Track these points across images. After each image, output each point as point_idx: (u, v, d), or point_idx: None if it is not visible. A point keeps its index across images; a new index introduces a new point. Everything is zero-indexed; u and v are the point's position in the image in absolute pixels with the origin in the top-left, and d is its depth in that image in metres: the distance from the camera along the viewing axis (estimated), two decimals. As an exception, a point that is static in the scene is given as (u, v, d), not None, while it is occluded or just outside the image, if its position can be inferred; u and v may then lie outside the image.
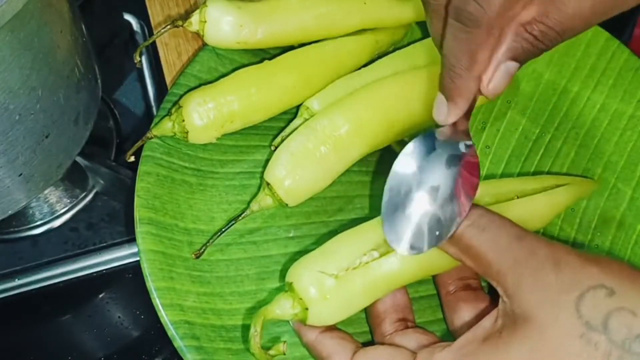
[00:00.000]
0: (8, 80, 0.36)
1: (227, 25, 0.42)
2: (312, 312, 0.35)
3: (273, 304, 0.35)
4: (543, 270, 0.31)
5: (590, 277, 0.31)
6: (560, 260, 0.31)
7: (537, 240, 0.33)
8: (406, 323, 0.38)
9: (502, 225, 0.33)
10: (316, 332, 0.36)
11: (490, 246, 0.33)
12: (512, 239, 0.33)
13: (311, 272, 0.35)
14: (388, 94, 0.42)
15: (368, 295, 0.36)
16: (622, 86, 0.46)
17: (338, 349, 0.36)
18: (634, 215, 0.43)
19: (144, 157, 0.41)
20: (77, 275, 0.52)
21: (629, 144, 0.44)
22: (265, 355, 0.34)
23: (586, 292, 0.30)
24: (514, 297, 0.32)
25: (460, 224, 0.34)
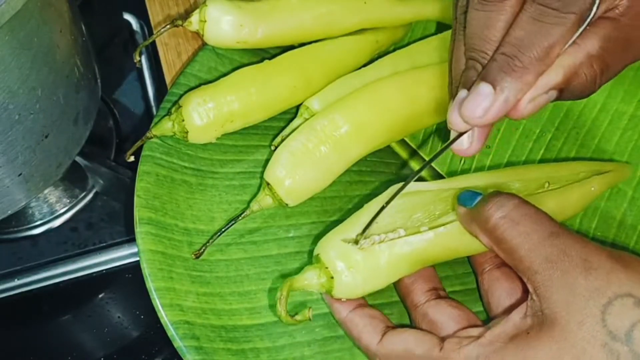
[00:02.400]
0: (7, 80, 0.36)
1: (227, 24, 0.42)
2: (337, 281, 0.35)
3: (301, 274, 0.36)
4: (573, 272, 0.31)
5: (619, 284, 0.30)
6: (592, 263, 0.31)
7: (571, 238, 0.32)
8: (437, 292, 0.38)
9: (537, 220, 0.33)
10: (347, 310, 0.37)
11: (522, 241, 0.32)
12: (546, 235, 0.32)
13: (337, 244, 0.36)
14: (388, 94, 0.42)
15: (393, 271, 0.36)
16: (623, 86, 0.46)
17: (368, 328, 0.36)
18: (635, 216, 0.43)
19: (143, 156, 0.41)
20: (77, 275, 0.52)
21: (630, 143, 0.44)
22: (291, 320, 0.35)
23: (614, 299, 0.30)
24: (543, 297, 0.31)
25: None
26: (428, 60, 0.45)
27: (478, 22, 0.32)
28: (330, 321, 0.39)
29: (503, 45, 0.32)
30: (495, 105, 0.31)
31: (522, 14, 0.31)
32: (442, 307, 0.36)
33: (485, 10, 0.32)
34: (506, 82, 0.31)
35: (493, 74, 0.31)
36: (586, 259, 0.31)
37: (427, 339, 0.35)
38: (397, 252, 0.36)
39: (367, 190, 0.44)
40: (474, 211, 0.35)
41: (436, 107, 0.43)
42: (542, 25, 0.31)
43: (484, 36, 0.32)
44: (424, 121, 0.44)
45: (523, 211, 0.33)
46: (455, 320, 0.36)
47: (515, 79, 0.31)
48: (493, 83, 0.31)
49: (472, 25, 0.33)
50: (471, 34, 0.33)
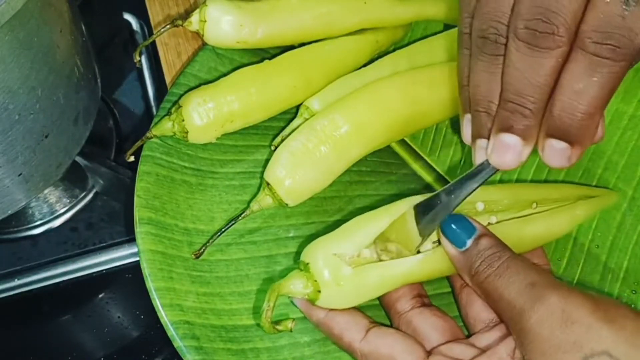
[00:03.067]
0: (7, 80, 0.36)
1: (227, 24, 0.42)
2: (324, 295, 0.35)
3: (287, 281, 0.36)
4: (550, 322, 0.31)
5: (597, 340, 0.30)
6: (570, 314, 0.31)
7: (550, 286, 0.32)
8: (422, 300, 0.38)
9: (517, 271, 0.33)
10: (326, 310, 0.36)
11: (502, 292, 0.33)
12: (523, 287, 0.32)
13: (328, 256, 0.36)
14: (388, 94, 0.41)
15: (381, 288, 0.36)
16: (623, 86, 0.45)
17: (350, 325, 0.36)
18: (635, 216, 0.43)
19: (143, 156, 0.41)
20: (77, 275, 0.52)
21: (630, 144, 0.44)
22: (273, 330, 0.35)
23: (590, 357, 0.30)
24: (523, 343, 0.32)
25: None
26: (428, 60, 0.45)
27: (525, 67, 0.31)
28: (330, 321, 0.39)
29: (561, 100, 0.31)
30: (575, 154, 0.32)
31: (573, 65, 0.30)
32: (426, 316, 0.36)
33: (534, 56, 0.31)
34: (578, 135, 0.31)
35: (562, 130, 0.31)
36: (565, 310, 0.31)
37: (413, 350, 0.35)
38: (388, 272, 0.36)
39: (367, 190, 0.44)
40: (464, 259, 0.35)
41: (436, 107, 0.43)
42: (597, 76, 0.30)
43: (534, 82, 0.31)
44: (424, 121, 0.44)
45: (507, 264, 0.34)
46: (439, 331, 0.36)
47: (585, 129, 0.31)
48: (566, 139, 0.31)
49: (518, 70, 0.31)
50: (516, 77, 0.32)
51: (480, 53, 0.33)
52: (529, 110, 0.32)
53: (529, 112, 0.32)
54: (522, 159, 0.33)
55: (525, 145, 0.32)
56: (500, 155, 0.33)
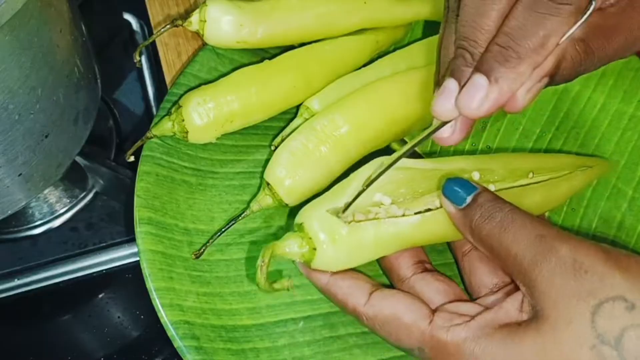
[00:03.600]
0: (7, 80, 0.36)
1: (227, 24, 0.42)
2: (320, 253, 0.35)
3: (282, 241, 0.35)
4: (562, 271, 0.31)
5: (611, 286, 0.30)
6: (582, 262, 0.31)
7: (560, 238, 0.32)
8: (424, 265, 0.37)
9: (524, 225, 0.33)
10: (328, 275, 0.36)
11: (510, 246, 0.32)
12: (532, 238, 0.32)
13: (322, 215, 0.35)
14: (388, 94, 0.42)
15: (377, 248, 0.36)
16: (623, 86, 0.46)
17: (353, 290, 0.36)
18: (635, 216, 0.43)
19: (143, 156, 0.41)
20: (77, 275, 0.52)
21: (630, 144, 0.44)
22: (270, 287, 0.35)
23: (605, 302, 0.30)
24: (533, 294, 0.32)
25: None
26: (428, 60, 0.45)
27: (471, 10, 0.32)
28: (330, 321, 0.39)
29: (498, 35, 0.31)
30: (490, 97, 0.31)
31: (517, 4, 0.31)
32: (429, 281, 0.36)
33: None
34: (500, 73, 0.31)
35: (487, 64, 0.31)
36: (576, 259, 0.31)
37: (417, 307, 0.34)
38: (384, 231, 0.35)
39: (367, 190, 0.44)
40: (464, 215, 0.35)
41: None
42: (536, 16, 0.30)
43: (476, 25, 0.32)
44: (423, 121, 0.44)
45: (511, 217, 0.33)
46: (443, 294, 0.35)
47: (510, 70, 0.31)
48: (487, 74, 0.31)
49: (465, 13, 0.32)
50: (463, 22, 0.32)
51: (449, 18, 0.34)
52: (471, 55, 0.32)
53: (469, 57, 0.32)
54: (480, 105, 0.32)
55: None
56: (439, 101, 0.32)
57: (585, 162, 0.43)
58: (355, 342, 0.38)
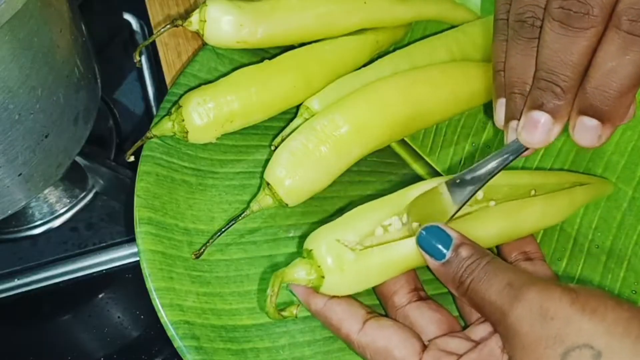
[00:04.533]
0: (7, 80, 0.36)
1: (227, 24, 0.42)
2: (328, 281, 0.35)
3: (291, 268, 0.36)
4: (529, 318, 0.31)
5: (578, 333, 0.30)
6: (548, 308, 0.31)
7: (527, 284, 0.32)
8: (419, 293, 0.38)
9: (495, 274, 0.33)
10: (325, 299, 0.36)
11: (484, 295, 0.33)
12: (502, 287, 0.32)
13: (331, 242, 0.36)
14: (388, 94, 0.41)
15: (384, 272, 0.36)
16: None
17: (348, 315, 0.36)
18: (635, 215, 0.43)
19: (143, 156, 0.41)
20: (77, 275, 0.52)
21: (630, 143, 0.44)
22: (278, 315, 0.35)
23: (571, 350, 0.30)
24: (506, 341, 0.32)
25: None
26: (428, 60, 0.45)
27: (559, 46, 0.32)
28: (330, 321, 0.39)
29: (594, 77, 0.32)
30: (606, 134, 0.33)
31: (608, 43, 0.31)
32: (423, 310, 0.37)
33: (569, 35, 0.32)
34: (610, 113, 0.32)
35: (594, 108, 0.32)
36: (542, 305, 0.31)
37: (409, 343, 0.35)
38: (390, 255, 0.36)
39: (367, 191, 0.44)
40: (446, 270, 0.35)
41: (436, 107, 0.43)
42: (631, 54, 0.31)
43: (566, 60, 0.32)
44: (424, 121, 0.44)
45: (486, 269, 0.34)
46: (436, 324, 0.36)
47: (617, 107, 0.32)
48: (598, 117, 0.32)
49: (552, 49, 0.32)
50: (550, 56, 0.33)
51: (517, 37, 0.34)
52: (560, 88, 0.32)
53: (560, 90, 0.32)
54: (550, 138, 0.33)
55: (555, 123, 0.33)
56: (529, 131, 0.33)
57: (586, 179, 0.43)
58: (355, 342, 0.38)
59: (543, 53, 0.33)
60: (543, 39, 0.33)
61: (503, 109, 0.36)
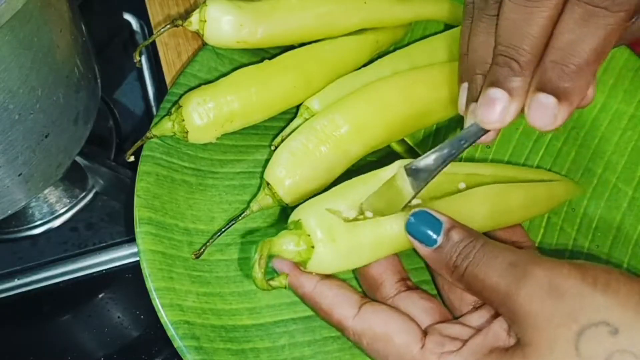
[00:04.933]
0: (7, 80, 0.36)
1: (227, 24, 0.42)
2: (318, 252, 0.34)
3: (278, 237, 0.34)
4: (539, 296, 0.30)
5: (592, 310, 0.29)
6: (558, 285, 0.30)
7: (532, 262, 0.31)
8: (407, 283, 0.37)
9: (494, 256, 0.32)
10: (314, 281, 0.35)
11: (484, 279, 0.32)
12: (504, 267, 0.31)
13: (321, 211, 0.34)
14: (388, 94, 0.42)
15: (374, 249, 0.35)
16: (623, 86, 0.46)
17: (341, 300, 0.34)
18: (635, 216, 0.43)
19: (143, 156, 0.41)
20: (77, 275, 0.52)
21: (630, 144, 0.44)
22: (266, 285, 0.34)
23: (587, 327, 0.29)
24: (515, 322, 0.31)
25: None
26: (428, 60, 0.45)
27: (516, 16, 0.31)
28: (330, 321, 0.39)
29: (553, 51, 0.30)
30: (563, 112, 0.31)
31: (568, 15, 0.30)
32: (414, 300, 0.35)
33: (528, 5, 0.30)
34: (568, 90, 0.30)
35: (552, 83, 0.30)
36: (552, 282, 0.30)
37: (409, 328, 0.34)
38: (383, 229, 0.35)
39: (367, 190, 0.44)
40: (438, 256, 0.34)
41: (436, 107, 0.43)
42: (592, 26, 0.30)
43: (525, 33, 0.31)
44: (423, 121, 0.44)
45: (483, 251, 0.32)
46: (429, 313, 0.35)
47: (577, 84, 0.30)
48: (555, 93, 0.30)
49: (511, 20, 0.31)
50: (508, 28, 0.31)
51: (481, 15, 0.33)
52: (518, 63, 0.31)
53: (517, 66, 0.31)
54: (507, 117, 0.32)
55: (512, 101, 0.31)
56: (485, 110, 0.32)
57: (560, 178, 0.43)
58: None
59: (501, 25, 0.31)
60: (503, 10, 0.31)
61: (465, 93, 0.34)
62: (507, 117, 0.32)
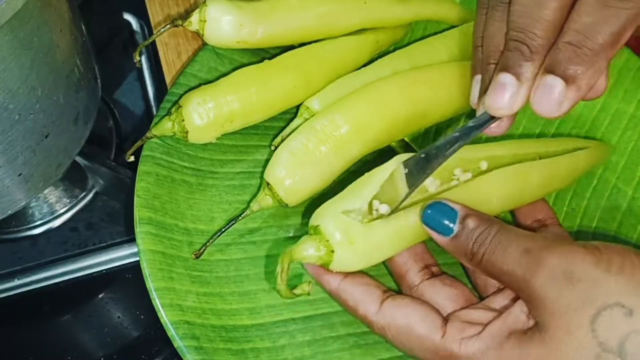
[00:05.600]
0: (8, 80, 0.36)
1: (227, 24, 0.42)
2: (338, 255, 0.35)
3: (299, 245, 0.35)
4: (554, 283, 0.30)
5: (607, 292, 0.29)
6: (573, 271, 0.30)
7: (547, 248, 0.31)
8: (431, 270, 0.37)
9: (509, 242, 0.32)
10: (338, 279, 0.36)
11: (501, 265, 0.32)
12: (519, 254, 0.32)
13: (337, 215, 0.35)
14: (388, 94, 0.42)
15: (393, 244, 0.36)
16: (623, 86, 0.46)
17: (364, 296, 0.35)
18: (635, 216, 0.43)
19: (143, 156, 0.41)
20: (77, 275, 0.52)
21: (630, 144, 0.44)
22: (290, 294, 0.34)
23: (602, 310, 0.29)
24: (532, 307, 0.32)
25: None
26: (428, 60, 0.45)
27: (530, 1, 0.30)
28: (330, 321, 0.39)
29: (568, 33, 0.30)
30: (570, 98, 0.30)
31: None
32: (437, 288, 0.36)
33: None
34: (578, 74, 0.30)
35: (562, 66, 0.30)
36: (566, 269, 0.30)
37: (430, 318, 0.34)
38: (399, 223, 0.35)
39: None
40: (456, 244, 0.34)
41: (436, 107, 0.43)
42: (610, 10, 0.29)
43: (535, 16, 0.30)
44: (423, 121, 0.44)
45: (499, 238, 0.33)
46: (453, 299, 0.35)
47: (588, 69, 0.30)
48: (564, 76, 0.30)
49: (523, 4, 0.31)
50: (519, 12, 0.31)
51: (496, 4, 0.32)
52: (528, 48, 0.30)
53: (527, 50, 0.30)
54: (516, 103, 0.31)
55: (522, 86, 0.31)
56: (493, 96, 0.31)
57: (586, 143, 0.43)
58: (355, 342, 0.38)
59: (513, 10, 0.31)
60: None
61: (478, 86, 0.34)
62: (515, 103, 0.31)
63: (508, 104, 0.31)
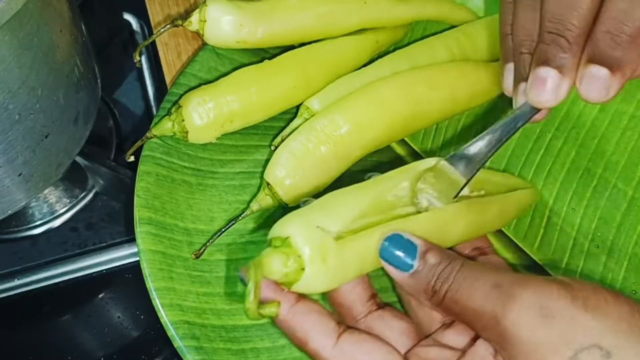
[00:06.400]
0: (7, 80, 0.36)
1: (227, 24, 0.42)
2: (309, 273, 0.31)
3: (266, 258, 0.30)
4: (528, 320, 0.28)
5: (584, 332, 0.28)
6: (549, 308, 0.28)
7: (519, 283, 0.29)
8: (376, 300, 0.34)
9: (476, 277, 0.30)
10: (288, 305, 0.31)
11: (466, 303, 0.30)
12: (488, 290, 0.29)
13: (311, 228, 0.31)
14: (388, 94, 0.41)
15: (359, 267, 0.32)
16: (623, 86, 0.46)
17: (318, 328, 0.31)
18: (635, 215, 0.43)
19: (143, 156, 0.41)
20: (77, 275, 0.52)
21: (630, 143, 0.44)
22: (258, 315, 0.30)
23: (579, 352, 0.27)
24: (503, 348, 0.29)
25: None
26: (428, 60, 0.45)
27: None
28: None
29: (604, 20, 0.30)
30: (615, 85, 0.30)
31: None
32: (387, 320, 0.33)
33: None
34: (621, 61, 0.30)
35: (604, 54, 0.30)
36: (541, 305, 0.28)
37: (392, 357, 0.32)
38: (367, 248, 0.32)
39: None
40: (416, 281, 0.31)
41: (436, 107, 0.43)
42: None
43: (572, 6, 0.30)
44: (424, 121, 0.44)
45: (463, 273, 0.30)
46: (406, 334, 0.33)
47: (629, 54, 0.30)
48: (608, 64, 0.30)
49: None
50: (555, 3, 0.30)
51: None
52: (566, 39, 0.30)
53: (565, 42, 0.30)
54: (560, 95, 0.31)
55: (564, 78, 0.31)
56: (537, 90, 0.31)
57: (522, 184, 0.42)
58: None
59: (547, 0, 0.31)
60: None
61: (511, 74, 0.34)
62: (559, 95, 0.31)
63: (552, 97, 0.31)
